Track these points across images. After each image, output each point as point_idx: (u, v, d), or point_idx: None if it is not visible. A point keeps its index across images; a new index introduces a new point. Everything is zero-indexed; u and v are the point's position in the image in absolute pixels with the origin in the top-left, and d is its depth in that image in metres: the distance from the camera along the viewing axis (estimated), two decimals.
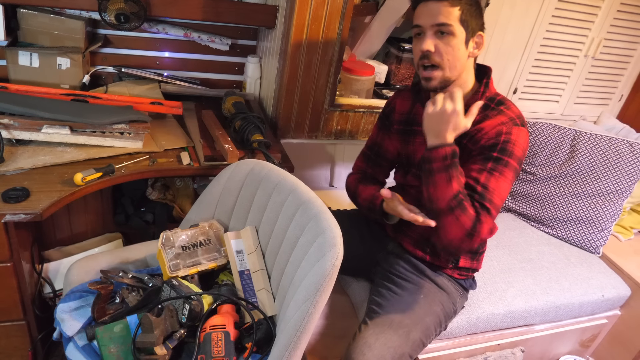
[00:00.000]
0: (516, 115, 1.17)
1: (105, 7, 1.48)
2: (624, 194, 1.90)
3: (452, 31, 1.12)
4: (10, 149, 1.31)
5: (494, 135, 1.15)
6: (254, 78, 1.84)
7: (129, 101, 1.54)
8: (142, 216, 1.73)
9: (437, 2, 1.11)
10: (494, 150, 1.14)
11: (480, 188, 1.13)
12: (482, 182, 1.14)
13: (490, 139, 1.15)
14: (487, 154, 1.15)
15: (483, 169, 1.14)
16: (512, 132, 1.14)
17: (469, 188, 1.14)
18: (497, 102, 1.20)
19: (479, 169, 1.15)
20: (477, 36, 1.16)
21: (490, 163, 1.14)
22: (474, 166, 1.16)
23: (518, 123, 1.16)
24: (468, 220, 1.10)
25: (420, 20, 1.14)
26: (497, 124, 1.16)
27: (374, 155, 1.46)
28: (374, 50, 2.06)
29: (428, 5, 1.12)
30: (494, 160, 1.14)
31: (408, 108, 1.36)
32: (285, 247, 1.16)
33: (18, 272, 1.25)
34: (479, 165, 1.15)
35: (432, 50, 1.13)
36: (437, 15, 1.11)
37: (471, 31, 1.14)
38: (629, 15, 1.97)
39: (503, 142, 1.14)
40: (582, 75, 2.07)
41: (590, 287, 1.73)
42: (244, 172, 1.29)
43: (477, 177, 1.14)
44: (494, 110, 1.19)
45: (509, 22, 1.80)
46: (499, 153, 1.14)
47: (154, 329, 1.03)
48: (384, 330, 1.19)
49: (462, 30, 1.12)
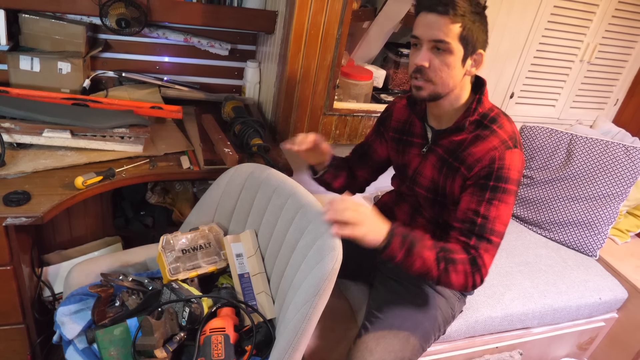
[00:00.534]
0: (508, 136, 1.13)
1: (106, 12, 1.49)
2: (620, 198, 1.92)
3: (449, 49, 1.07)
4: (12, 153, 1.31)
5: (487, 162, 1.11)
6: (253, 82, 1.86)
7: (129, 105, 1.55)
8: (141, 220, 1.73)
9: (438, 15, 1.05)
10: (490, 179, 1.11)
11: (480, 220, 1.11)
12: (482, 213, 1.11)
13: (484, 168, 1.11)
14: (483, 183, 1.12)
15: (481, 199, 1.11)
16: (505, 158, 1.10)
17: (468, 222, 1.12)
18: (490, 120, 1.16)
19: (477, 201, 1.12)
20: (477, 54, 1.11)
21: (488, 193, 1.11)
22: (472, 198, 1.13)
23: (510, 145, 1.12)
24: (464, 266, 1.09)
25: (418, 32, 1.10)
26: (489, 149, 1.12)
27: (361, 151, 1.47)
28: (372, 55, 2.07)
29: (428, 18, 1.07)
30: (491, 190, 1.11)
31: (405, 117, 1.33)
32: (284, 250, 1.16)
33: (18, 276, 1.25)
34: (477, 197, 1.12)
35: (426, 66, 1.09)
36: (435, 30, 1.06)
37: (471, 49, 1.09)
38: (623, 21, 2.00)
39: (497, 170, 1.10)
40: (578, 79, 2.09)
41: (588, 290, 1.74)
42: (244, 176, 1.30)
43: (476, 209, 1.11)
44: (487, 129, 1.15)
45: (505, 27, 1.82)
46: (495, 181, 1.11)
47: (154, 331, 1.03)
48: (384, 334, 1.20)
49: (461, 48, 1.08)
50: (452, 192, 1.20)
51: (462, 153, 1.16)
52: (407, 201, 1.38)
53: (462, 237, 1.12)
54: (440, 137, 1.22)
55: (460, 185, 1.17)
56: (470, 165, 1.14)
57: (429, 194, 1.26)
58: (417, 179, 1.28)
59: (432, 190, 1.25)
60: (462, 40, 1.07)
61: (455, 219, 1.16)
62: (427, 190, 1.26)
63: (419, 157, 1.28)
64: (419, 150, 1.28)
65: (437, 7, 1.05)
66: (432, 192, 1.25)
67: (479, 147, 1.13)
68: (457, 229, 1.14)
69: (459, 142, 1.18)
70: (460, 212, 1.14)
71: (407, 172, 1.32)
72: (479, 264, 1.10)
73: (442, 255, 1.08)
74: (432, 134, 1.25)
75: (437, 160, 1.22)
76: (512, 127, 1.16)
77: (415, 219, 1.36)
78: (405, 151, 1.32)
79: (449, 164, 1.19)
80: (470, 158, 1.14)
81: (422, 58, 1.09)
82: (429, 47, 1.09)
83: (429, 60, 1.09)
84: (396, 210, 1.41)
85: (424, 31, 1.08)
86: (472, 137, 1.16)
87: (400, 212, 1.39)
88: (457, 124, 1.17)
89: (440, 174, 1.21)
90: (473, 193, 1.13)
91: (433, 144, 1.24)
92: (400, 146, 1.34)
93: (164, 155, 1.47)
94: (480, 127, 1.16)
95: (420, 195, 1.29)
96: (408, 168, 1.31)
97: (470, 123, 1.16)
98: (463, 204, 1.15)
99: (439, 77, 1.10)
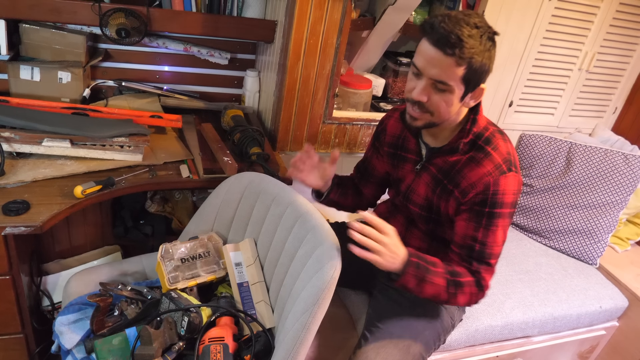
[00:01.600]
0: (502, 159, 1.11)
1: (107, 22, 1.50)
2: (620, 206, 1.92)
3: (450, 89, 1.03)
4: (11, 162, 1.31)
5: (482, 189, 1.10)
6: (252, 91, 1.86)
7: (129, 114, 1.56)
8: (141, 229, 1.73)
9: (443, 55, 0.98)
10: (485, 206, 1.10)
11: (478, 246, 1.12)
12: (480, 240, 1.12)
13: (479, 194, 1.10)
14: (478, 210, 1.11)
15: (478, 226, 1.12)
16: (499, 184, 1.09)
17: (467, 248, 1.13)
18: (485, 140, 1.13)
19: (474, 227, 1.12)
20: (478, 90, 1.07)
21: (484, 219, 1.11)
22: (468, 224, 1.13)
23: (504, 170, 1.10)
24: (470, 288, 1.13)
25: (420, 64, 1.04)
26: (483, 175, 1.10)
27: (363, 169, 1.47)
28: (371, 64, 2.09)
29: (432, 53, 1.00)
30: (487, 217, 1.11)
31: (399, 132, 1.31)
32: (283, 259, 1.16)
33: (17, 285, 1.25)
34: (473, 223, 1.12)
35: (424, 101, 1.06)
36: (438, 69, 1.01)
37: (472, 87, 1.05)
38: (621, 30, 2.01)
39: (492, 196, 1.09)
40: (577, 88, 2.09)
41: (588, 299, 1.74)
42: (243, 185, 1.30)
43: (474, 235, 1.12)
44: (481, 151, 1.12)
45: (504, 36, 1.83)
46: (490, 208, 1.10)
47: (152, 341, 1.03)
48: (384, 344, 1.19)
49: (462, 87, 1.03)
50: (446, 212, 1.20)
51: (456, 176, 1.15)
52: (402, 213, 1.38)
53: (463, 262, 1.15)
54: (435, 156, 1.21)
55: (455, 208, 1.17)
56: (464, 190, 1.13)
57: (422, 212, 1.26)
58: (411, 196, 1.27)
59: (426, 209, 1.24)
60: (464, 80, 1.02)
61: (454, 243, 1.18)
62: (420, 208, 1.25)
63: (412, 174, 1.27)
64: (412, 167, 1.27)
65: (444, 47, 0.98)
66: (426, 210, 1.25)
67: (473, 171, 1.12)
68: (456, 253, 1.17)
69: (453, 163, 1.16)
70: (459, 237, 1.16)
71: (400, 187, 1.31)
72: (482, 285, 1.14)
73: (452, 280, 1.11)
74: (427, 151, 1.23)
75: (431, 180, 1.21)
76: (507, 147, 1.14)
77: (410, 231, 1.35)
78: (399, 166, 1.31)
79: (443, 185, 1.18)
80: (464, 182, 1.13)
81: (421, 94, 1.05)
82: (429, 84, 1.04)
83: (427, 95, 1.05)
84: (391, 221, 1.40)
85: (426, 67, 1.03)
86: (465, 160, 1.14)
87: (396, 222, 1.38)
88: (451, 145, 1.16)
89: (433, 194, 1.21)
90: (469, 219, 1.13)
91: (427, 162, 1.23)
92: (395, 161, 1.32)
93: (164, 164, 1.47)
94: (474, 149, 1.14)
95: (414, 212, 1.28)
96: (402, 183, 1.30)
97: (465, 144, 1.14)
98: (460, 229, 1.15)
99: (436, 111, 1.08)
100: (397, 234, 1.06)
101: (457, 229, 1.16)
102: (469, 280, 1.13)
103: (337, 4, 1.49)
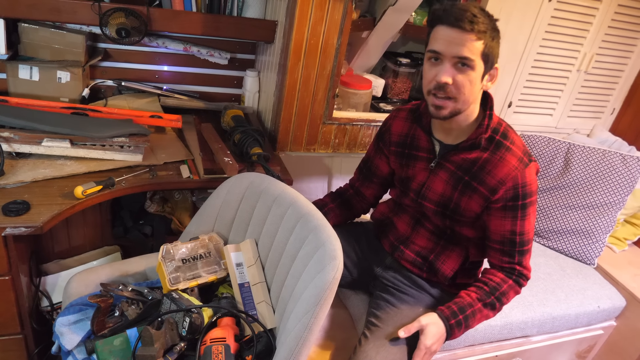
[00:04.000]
0: (522, 152, 1.17)
1: (107, 21, 1.49)
2: (618, 206, 1.93)
3: (473, 65, 1.06)
4: (11, 162, 1.31)
5: (511, 185, 1.15)
6: (252, 91, 1.86)
7: (128, 114, 1.55)
8: (140, 229, 1.73)
9: (462, 32, 1.03)
10: (518, 200, 1.17)
11: (518, 238, 1.20)
12: (519, 231, 1.20)
13: (509, 190, 1.16)
14: (512, 205, 1.17)
15: (515, 220, 1.19)
16: (525, 176, 1.15)
17: (508, 243, 1.21)
18: (502, 135, 1.18)
19: (512, 222, 1.19)
20: (493, 69, 1.12)
21: (519, 212, 1.18)
22: (504, 221, 1.20)
23: (526, 162, 1.16)
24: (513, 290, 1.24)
25: (440, 47, 1.06)
26: (510, 170, 1.15)
27: (366, 170, 1.47)
28: (371, 65, 2.09)
29: (451, 33, 1.04)
30: (521, 209, 1.18)
31: (406, 130, 1.32)
32: (285, 260, 1.16)
33: (16, 286, 1.24)
34: (510, 219, 1.19)
35: (450, 83, 1.07)
36: (460, 47, 1.04)
37: (490, 65, 1.09)
38: (620, 31, 2.02)
39: (522, 189, 1.16)
40: (575, 89, 2.10)
41: (586, 298, 1.74)
42: (244, 185, 1.30)
43: (512, 229, 1.20)
44: (501, 147, 1.16)
45: (503, 37, 1.81)
46: (522, 200, 1.17)
47: (154, 342, 1.03)
48: (384, 343, 1.19)
49: (482, 64, 1.07)
50: (467, 208, 1.22)
51: (479, 173, 1.18)
52: (407, 212, 1.38)
53: (504, 257, 1.24)
54: (451, 153, 1.22)
55: (482, 205, 1.20)
56: (493, 188, 1.17)
57: (438, 208, 1.27)
58: (426, 194, 1.28)
59: (443, 205, 1.26)
60: (484, 56, 1.06)
61: (491, 241, 1.25)
62: (436, 204, 1.27)
63: (426, 172, 1.27)
64: (425, 165, 1.27)
65: (462, 24, 1.02)
66: (442, 207, 1.26)
67: (499, 168, 1.16)
68: (497, 250, 1.25)
69: (474, 160, 1.19)
70: (496, 235, 1.23)
71: (410, 185, 1.31)
72: (523, 276, 1.25)
73: (494, 299, 1.22)
74: (441, 148, 1.25)
75: (450, 177, 1.23)
76: (520, 140, 1.20)
77: (417, 230, 1.36)
78: (409, 165, 1.31)
79: (466, 182, 1.20)
80: (492, 180, 1.16)
81: (446, 74, 1.06)
82: (452, 64, 1.06)
83: (452, 76, 1.07)
84: (395, 221, 1.41)
85: (447, 47, 1.05)
86: (487, 156, 1.17)
87: (401, 222, 1.39)
88: (471, 140, 1.18)
89: (454, 190, 1.22)
90: (505, 216, 1.19)
91: (442, 159, 1.24)
92: (403, 160, 1.33)
93: (164, 164, 1.47)
94: (493, 144, 1.18)
95: (429, 209, 1.29)
96: (412, 181, 1.31)
97: (485, 140, 1.18)
98: (496, 227, 1.21)
99: (461, 94, 1.09)
100: (428, 330, 1.17)
101: (492, 227, 1.22)
102: (509, 284, 1.23)
103: (337, 4, 1.49)
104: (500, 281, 1.23)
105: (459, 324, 1.18)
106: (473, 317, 1.20)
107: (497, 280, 1.23)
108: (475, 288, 1.24)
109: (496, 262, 1.26)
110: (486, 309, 1.21)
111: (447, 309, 1.20)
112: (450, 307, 1.20)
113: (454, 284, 1.35)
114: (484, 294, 1.22)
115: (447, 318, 1.18)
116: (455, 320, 1.18)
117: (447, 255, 1.31)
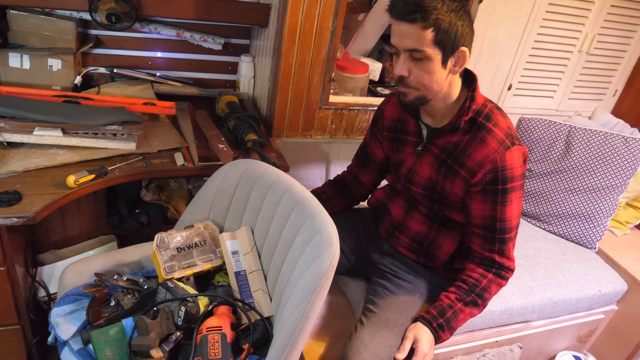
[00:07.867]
0: (505, 134, 1.13)
1: (96, 7, 1.46)
2: (620, 189, 1.90)
3: (425, 56, 1.05)
4: (2, 152, 1.29)
5: (490, 167, 1.12)
6: (247, 77, 1.83)
7: (121, 102, 1.53)
8: (136, 218, 1.71)
9: (408, 24, 1.03)
10: (497, 184, 1.13)
11: (498, 224, 1.17)
12: (499, 217, 1.16)
13: (488, 173, 1.13)
14: (491, 189, 1.14)
15: (495, 204, 1.15)
16: (506, 159, 1.11)
17: (489, 229, 1.18)
18: (485, 117, 1.15)
19: (491, 207, 1.16)
20: (458, 52, 1.07)
21: (499, 197, 1.15)
22: (484, 205, 1.17)
23: (508, 144, 1.12)
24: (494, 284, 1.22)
25: (394, 41, 1.08)
26: (489, 153, 1.12)
27: (363, 156, 1.47)
28: (367, 48, 2.05)
29: (400, 27, 1.05)
30: (501, 193, 1.14)
31: (397, 115, 1.32)
32: (281, 247, 1.15)
33: (12, 276, 1.23)
34: (489, 203, 1.16)
35: (405, 75, 1.09)
36: (407, 39, 1.04)
37: (450, 49, 1.06)
38: (622, 10, 1.97)
39: (501, 173, 1.12)
40: (577, 70, 2.06)
41: (587, 283, 1.73)
42: (239, 172, 1.28)
43: (492, 215, 1.17)
44: (482, 129, 1.14)
45: (502, 18, 1.79)
46: (502, 184, 1.13)
47: (149, 331, 1.02)
48: (380, 329, 1.19)
49: (438, 52, 1.05)
50: (452, 192, 1.20)
51: (461, 155, 1.16)
52: (402, 196, 1.37)
53: (485, 243, 1.21)
54: (436, 137, 1.21)
55: (463, 189, 1.18)
56: (472, 170, 1.14)
57: (425, 192, 1.26)
58: (413, 178, 1.27)
59: (429, 189, 1.25)
60: (438, 44, 1.04)
61: (472, 225, 1.22)
62: (423, 188, 1.26)
63: (413, 156, 1.27)
64: (413, 149, 1.27)
65: (406, 16, 1.02)
66: (429, 191, 1.25)
67: (478, 150, 1.13)
68: (478, 235, 1.22)
69: (456, 142, 1.17)
70: (477, 219, 1.19)
71: (400, 170, 1.31)
72: (505, 268, 1.22)
73: (475, 295, 1.20)
74: (427, 131, 1.24)
75: (434, 160, 1.22)
76: (506, 122, 1.16)
77: (411, 214, 1.35)
78: (399, 149, 1.31)
79: (448, 165, 1.19)
80: (471, 162, 1.14)
81: (401, 69, 1.09)
82: (406, 57, 1.07)
83: (407, 69, 1.08)
84: (390, 206, 1.40)
85: (398, 41, 1.07)
86: (468, 139, 1.15)
87: (396, 207, 1.39)
88: (452, 124, 1.16)
89: (438, 174, 1.21)
90: (484, 200, 1.16)
91: (428, 143, 1.23)
92: (394, 145, 1.32)
93: (158, 152, 1.45)
94: (475, 126, 1.15)
95: (417, 193, 1.28)
96: (402, 166, 1.30)
97: (465, 122, 1.15)
98: (476, 211, 1.18)
99: (421, 84, 1.10)
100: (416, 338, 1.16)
101: (473, 211, 1.19)
102: (489, 279, 1.21)
103: None
104: (480, 277, 1.22)
105: (442, 327, 1.17)
106: (455, 318, 1.19)
107: (475, 276, 1.22)
108: (455, 288, 1.22)
109: (477, 249, 1.23)
110: (468, 307, 1.20)
111: (428, 314, 1.19)
112: (430, 312, 1.19)
113: (452, 269, 1.34)
114: (463, 293, 1.20)
115: (429, 322, 1.17)
116: (436, 323, 1.17)
117: (442, 240, 1.30)
